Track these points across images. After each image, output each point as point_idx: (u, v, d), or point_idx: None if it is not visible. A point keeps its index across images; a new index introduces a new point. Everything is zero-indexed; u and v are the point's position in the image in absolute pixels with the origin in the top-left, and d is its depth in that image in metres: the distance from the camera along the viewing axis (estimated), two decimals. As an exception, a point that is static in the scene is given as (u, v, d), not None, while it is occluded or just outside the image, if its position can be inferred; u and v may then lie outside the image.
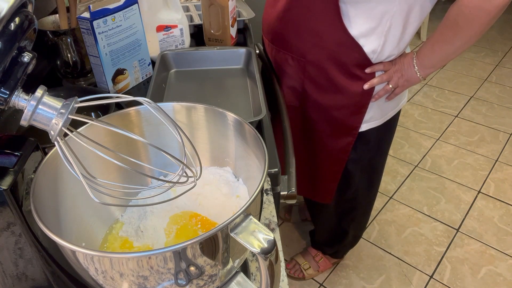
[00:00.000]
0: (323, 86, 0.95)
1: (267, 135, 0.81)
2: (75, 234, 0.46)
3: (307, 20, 0.89)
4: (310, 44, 0.91)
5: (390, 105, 1.02)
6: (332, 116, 0.98)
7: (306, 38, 0.91)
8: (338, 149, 1.04)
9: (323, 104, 0.98)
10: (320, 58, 0.92)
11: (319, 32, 0.89)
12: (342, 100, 0.95)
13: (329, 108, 0.98)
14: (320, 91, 0.96)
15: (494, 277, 1.53)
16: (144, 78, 1.01)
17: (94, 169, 0.45)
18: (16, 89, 0.38)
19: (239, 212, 0.37)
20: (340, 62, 0.91)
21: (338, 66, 0.91)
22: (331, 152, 1.05)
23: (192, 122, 0.54)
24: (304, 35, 0.91)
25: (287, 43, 0.96)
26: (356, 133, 1.00)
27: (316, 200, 1.23)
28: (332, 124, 1.00)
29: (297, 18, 0.91)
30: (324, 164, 1.10)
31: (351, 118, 0.98)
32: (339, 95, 0.95)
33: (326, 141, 1.04)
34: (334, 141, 1.03)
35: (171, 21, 1.06)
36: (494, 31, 3.39)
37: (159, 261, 0.35)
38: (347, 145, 1.03)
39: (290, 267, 1.54)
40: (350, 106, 0.96)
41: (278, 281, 0.41)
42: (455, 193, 1.89)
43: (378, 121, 1.02)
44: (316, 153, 1.08)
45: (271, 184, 0.71)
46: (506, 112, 2.43)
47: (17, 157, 0.43)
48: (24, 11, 0.39)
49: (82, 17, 0.84)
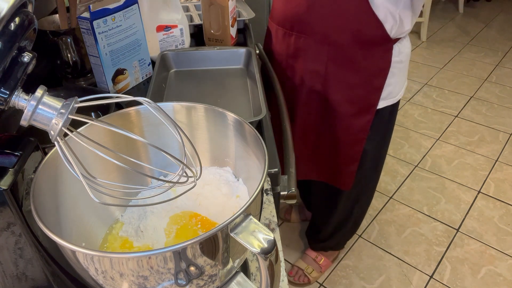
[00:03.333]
0: (346, 65, 1.00)
1: (267, 135, 0.81)
2: (75, 234, 0.46)
3: (333, 3, 0.93)
4: (334, 25, 0.95)
5: (401, 83, 1.07)
6: (354, 94, 1.03)
7: (330, 21, 0.95)
8: (359, 128, 1.08)
9: (346, 83, 1.02)
10: (344, 38, 0.96)
11: (345, 13, 0.93)
12: (363, 77, 1.00)
13: (352, 87, 1.02)
14: (343, 70, 1.01)
15: (494, 277, 1.53)
16: (144, 78, 1.01)
17: (94, 169, 0.45)
18: (16, 89, 0.38)
19: (239, 212, 0.37)
20: (362, 40, 0.95)
21: (361, 44, 0.96)
22: (352, 132, 1.09)
23: (192, 122, 0.54)
24: (329, 17, 0.95)
25: (310, 27, 0.99)
26: (375, 110, 1.06)
27: (337, 186, 1.24)
28: (354, 102, 1.04)
29: (322, 2, 0.94)
30: (345, 146, 1.13)
31: (371, 95, 1.03)
32: (361, 72, 1.00)
33: (347, 121, 1.08)
34: (355, 120, 1.07)
35: (171, 21, 1.06)
36: (494, 31, 3.39)
37: (159, 261, 0.35)
38: (366, 123, 1.07)
39: (293, 274, 1.53)
40: (370, 83, 1.01)
41: (278, 281, 0.41)
42: (455, 193, 1.89)
43: (393, 99, 1.08)
44: (337, 136, 1.12)
45: (271, 184, 0.71)
46: (506, 112, 2.43)
47: (17, 157, 0.43)
48: (24, 11, 0.39)
49: (82, 17, 0.84)
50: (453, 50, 3.12)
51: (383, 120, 1.11)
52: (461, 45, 3.20)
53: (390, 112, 1.12)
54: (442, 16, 3.62)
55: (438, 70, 2.88)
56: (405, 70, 1.08)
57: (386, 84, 1.02)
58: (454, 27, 3.48)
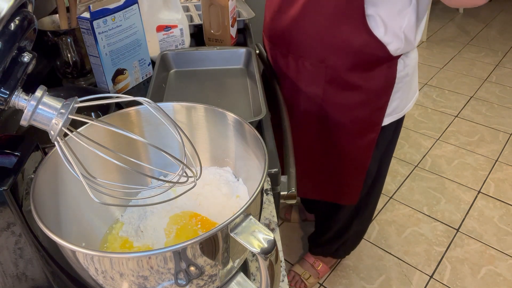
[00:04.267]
0: (346, 87, 0.95)
1: (267, 135, 0.81)
2: (75, 234, 0.46)
3: (328, 27, 0.87)
4: (332, 49, 0.90)
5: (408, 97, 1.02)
6: (356, 115, 0.99)
7: (327, 44, 0.89)
8: (363, 148, 1.04)
9: (346, 106, 0.97)
10: (343, 61, 0.90)
11: (342, 37, 0.87)
12: (365, 98, 0.96)
13: (353, 108, 0.98)
14: (342, 93, 0.96)
15: (494, 277, 1.53)
16: (144, 78, 1.01)
17: (94, 169, 0.45)
18: (16, 89, 0.38)
19: (239, 212, 0.37)
20: (364, 62, 0.90)
21: (362, 66, 0.91)
22: (356, 152, 1.05)
23: (192, 122, 0.54)
24: (325, 41, 0.89)
25: (305, 50, 0.94)
26: (379, 128, 1.01)
27: (343, 203, 1.22)
28: (356, 123, 1.00)
29: (317, 24, 0.88)
30: (349, 166, 1.09)
31: (375, 114, 0.99)
32: (363, 93, 0.95)
33: (350, 141, 1.04)
34: (359, 140, 1.03)
35: (171, 21, 1.06)
36: (494, 31, 3.39)
37: (159, 261, 0.35)
38: (371, 142, 1.03)
39: (290, 279, 1.53)
40: (373, 102, 0.97)
41: (278, 281, 0.41)
42: (455, 193, 1.89)
43: (398, 114, 1.03)
44: (340, 157, 1.08)
45: (271, 184, 0.71)
46: (506, 112, 2.42)
47: (17, 157, 0.43)
48: (24, 11, 0.39)
49: (82, 17, 0.84)
50: (453, 50, 3.12)
51: (388, 135, 1.07)
52: (461, 45, 3.19)
53: (396, 127, 1.07)
54: (442, 16, 3.62)
55: (438, 70, 2.88)
56: (413, 82, 1.02)
57: (390, 100, 0.97)
58: (454, 27, 3.48)
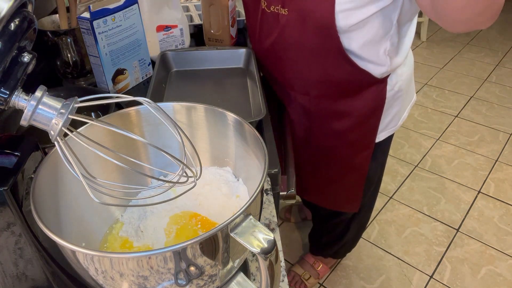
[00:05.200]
0: (334, 115, 0.94)
1: (267, 135, 0.81)
2: (75, 234, 0.46)
3: (309, 61, 0.86)
4: (314, 81, 0.89)
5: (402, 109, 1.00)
6: (347, 139, 0.97)
7: (309, 76, 0.88)
8: (358, 164, 1.04)
9: (335, 132, 0.96)
10: (327, 91, 0.89)
11: (324, 69, 0.85)
12: (354, 122, 0.94)
13: (344, 133, 0.96)
14: (331, 120, 0.95)
15: (494, 277, 1.53)
16: (144, 78, 1.01)
17: (94, 169, 0.45)
18: (16, 89, 0.38)
19: (239, 212, 0.37)
20: (349, 89, 0.88)
21: (348, 93, 0.89)
22: (354, 165, 1.05)
23: (192, 122, 0.54)
24: (307, 73, 0.88)
25: (288, 81, 0.93)
26: (374, 144, 1.00)
27: (345, 211, 1.22)
28: (348, 145, 0.99)
29: (296, 58, 0.87)
30: (348, 177, 1.09)
31: (367, 134, 0.97)
32: (352, 117, 0.93)
33: (346, 158, 1.03)
34: (354, 158, 1.02)
35: (171, 21, 1.06)
36: (494, 31, 3.39)
37: (159, 261, 0.35)
38: (366, 157, 1.02)
39: (290, 279, 1.53)
40: (364, 124, 0.95)
41: (278, 281, 0.41)
42: (455, 193, 1.89)
43: (394, 128, 1.01)
44: (337, 171, 1.08)
45: (271, 184, 0.71)
46: (506, 112, 2.42)
47: (17, 157, 0.43)
48: (24, 11, 0.39)
49: (82, 17, 0.84)
50: (453, 50, 3.12)
51: (384, 147, 1.07)
52: (461, 45, 3.19)
53: (390, 139, 1.06)
54: (442, 16, 3.62)
55: (438, 70, 2.88)
56: (408, 94, 0.99)
57: (384, 116, 0.95)
58: (454, 27, 3.48)
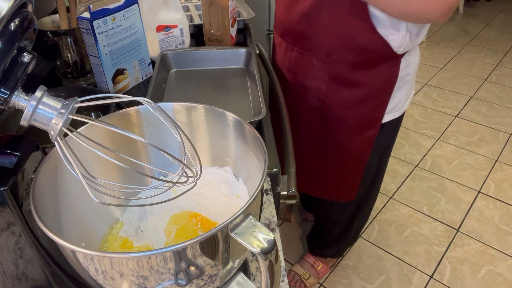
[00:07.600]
0: (349, 83, 0.96)
1: (267, 135, 0.81)
2: (75, 234, 0.46)
3: (336, 23, 0.89)
4: (337, 45, 0.92)
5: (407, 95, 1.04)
6: (357, 111, 1.00)
7: (333, 40, 0.91)
8: (363, 144, 1.06)
9: (348, 101, 0.99)
10: (348, 57, 0.93)
11: (349, 33, 0.89)
12: (366, 94, 0.97)
13: (355, 104, 0.99)
14: (345, 89, 0.98)
15: (494, 277, 1.53)
16: (144, 78, 1.01)
17: (94, 169, 0.45)
18: (16, 89, 0.38)
19: (239, 212, 0.37)
20: (368, 59, 0.92)
21: (366, 63, 0.93)
22: (356, 148, 1.07)
23: (192, 122, 0.54)
24: (332, 37, 0.91)
25: (312, 45, 0.96)
26: (380, 124, 1.02)
27: (341, 200, 1.23)
28: (357, 119, 1.02)
29: (325, 20, 0.90)
30: (348, 162, 1.11)
31: (375, 111, 1.00)
32: (366, 89, 0.96)
33: (350, 137, 1.05)
34: (359, 136, 1.04)
35: (171, 21, 1.06)
36: (494, 31, 3.39)
37: (159, 261, 0.35)
38: (371, 138, 1.04)
39: (290, 279, 1.53)
40: (375, 99, 0.98)
41: (278, 281, 0.41)
42: (455, 193, 1.89)
43: (398, 112, 1.04)
44: (339, 153, 1.09)
45: (271, 184, 0.71)
46: (506, 112, 2.42)
47: (17, 157, 0.43)
48: (24, 11, 0.39)
49: (82, 17, 0.84)
50: (453, 50, 3.12)
51: (387, 132, 1.08)
52: (461, 45, 3.20)
53: (395, 124, 1.09)
54: (442, 16, 3.62)
55: (438, 70, 2.88)
56: (412, 81, 1.04)
57: (391, 97, 0.99)
58: (454, 27, 3.48)
